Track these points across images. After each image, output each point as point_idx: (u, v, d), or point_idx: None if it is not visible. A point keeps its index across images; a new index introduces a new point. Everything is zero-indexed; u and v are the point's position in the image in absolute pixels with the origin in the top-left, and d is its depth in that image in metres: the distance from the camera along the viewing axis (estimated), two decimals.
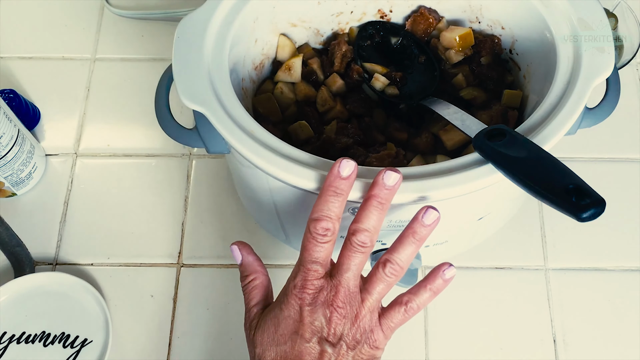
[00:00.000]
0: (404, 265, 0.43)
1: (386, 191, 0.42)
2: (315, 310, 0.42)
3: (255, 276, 0.47)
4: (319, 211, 0.42)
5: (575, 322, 0.61)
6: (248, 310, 0.47)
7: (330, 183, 0.42)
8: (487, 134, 0.46)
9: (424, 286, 0.44)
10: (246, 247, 0.48)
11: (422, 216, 0.43)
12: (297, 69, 0.60)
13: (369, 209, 0.42)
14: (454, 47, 0.60)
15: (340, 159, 0.42)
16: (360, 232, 0.42)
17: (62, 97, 0.74)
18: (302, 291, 0.43)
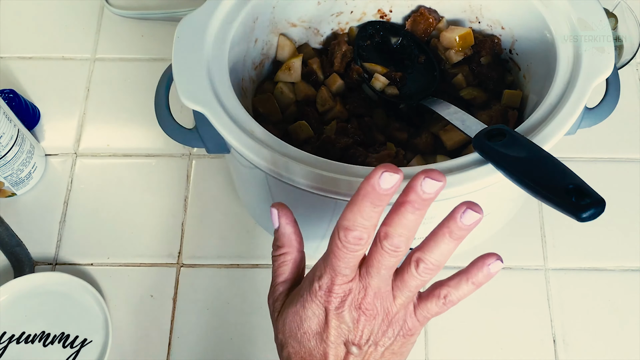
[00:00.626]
0: (440, 264, 0.39)
1: (424, 198, 0.36)
2: (342, 314, 0.39)
3: (289, 250, 0.43)
4: (352, 220, 0.37)
5: (575, 322, 0.61)
6: (274, 286, 0.43)
7: (368, 194, 0.36)
8: (487, 134, 0.46)
9: (466, 279, 0.40)
10: (287, 213, 0.43)
11: (461, 217, 0.37)
12: (297, 69, 0.60)
13: (404, 214, 0.37)
14: (453, 47, 0.60)
15: (382, 168, 0.35)
16: (393, 237, 0.37)
17: (62, 97, 0.74)
18: (329, 295, 0.39)
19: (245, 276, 0.63)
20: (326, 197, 0.45)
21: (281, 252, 0.43)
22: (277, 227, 0.43)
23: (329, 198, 0.45)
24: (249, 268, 0.64)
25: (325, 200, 0.47)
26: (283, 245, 0.43)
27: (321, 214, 0.50)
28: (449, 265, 0.43)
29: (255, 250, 0.65)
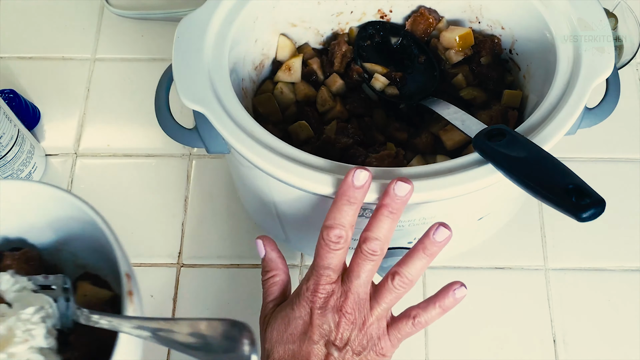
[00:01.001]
0: (413, 279, 0.44)
1: (397, 201, 0.43)
2: (325, 314, 0.43)
3: (276, 273, 0.48)
4: (333, 219, 0.43)
5: (575, 322, 0.61)
6: (264, 305, 0.48)
7: (344, 192, 0.43)
8: (487, 134, 0.46)
9: (434, 303, 0.45)
10: (271, 242, 0.49)
11: (433, 233, 0.43)
12: (297, 69, 0.60)
13: (380, 218, 0.43)
14: (453, 47, 0.60)
15: (355, 168, 0.43)
16: (371, 241, 0.43)
17: (62, 97, 0.74)
18: (314, 295, 0.44)
19: (245, 276, 0.63)
20: (326, 197, 0.45)
21: (270, 275, 0.48)
22: (264, 254, 0.49)
23: (329, 198, 0.45)
24: (249, 268, 0.64)
25: (325, 201, 0.47)
26: (271, 269, 0.49)
27: (321, 214, 0.50)
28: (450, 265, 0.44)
29: (255, 251, 0.64)
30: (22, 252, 0.48)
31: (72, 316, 0.42)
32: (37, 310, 0.41)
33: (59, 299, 0.43)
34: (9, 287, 0.43)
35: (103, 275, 0.51)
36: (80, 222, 0.46)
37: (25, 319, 0.40)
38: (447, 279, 0.47)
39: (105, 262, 0.48)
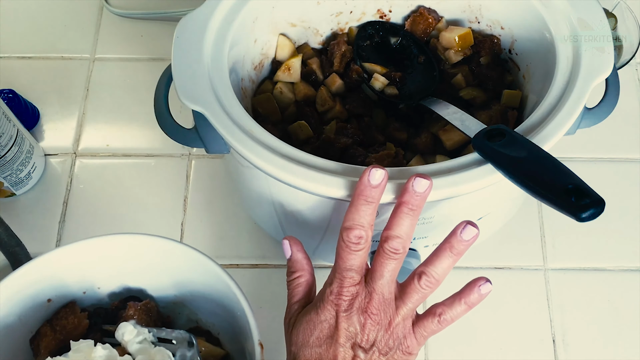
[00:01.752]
0: (440, 278, 0.44)
1: (417, 198, 0.42)
2: (351, 316, 0.43)
3: (301, 274, 0.47)
4: (351, 220, 0.43)
5: (575, 322, 0.61)
6: (289, 306, 0.47)
7: (361, 192, 0.42)
8: (487, 134, 0.46)
9: (459, 299, 0.45)
10: (297, 243, 0.48)
11: (461, 232, 0.43)
12: (296, 69, 0.60)
13: (400, 216, 0.43)
14: (453, 47, 0.60)
15: (370, 167, 0.42)
16: (392, 239, 0.43)
17: (62, 97, 0.74)
18: (338, 298, 0.43)
19: (245, 276, 0.63)
20: (326, 197, 0.45)
21: (295, 275, 0.47)
22: (290, 255, 0.48)
23: (329, 198, 0.45)
24: (249, 268, 0.64)
25: (324, 201, 0.47)
26: (296, 270, 0.47)
27: (321, 215, 0.50)
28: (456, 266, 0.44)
29: (255, 251, 0.65)
30: (144, 303, 0.49)
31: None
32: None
33: (177, 353, 0.44)
34: (132, 338, 0.45)
35: (215, 332, 0.52)
36: (207, 284, 0.48)
37: None
38: (446, 278, 0.47)
39: (220, 321, 0.50)
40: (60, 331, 0.48)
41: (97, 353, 0.42)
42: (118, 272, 0.50)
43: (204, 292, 0.50)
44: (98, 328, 0.49)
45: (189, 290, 0.51)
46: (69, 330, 0.48)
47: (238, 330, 0.47)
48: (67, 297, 0.50)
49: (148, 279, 0.51)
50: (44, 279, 0.47)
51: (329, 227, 0.52)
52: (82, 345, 0.43)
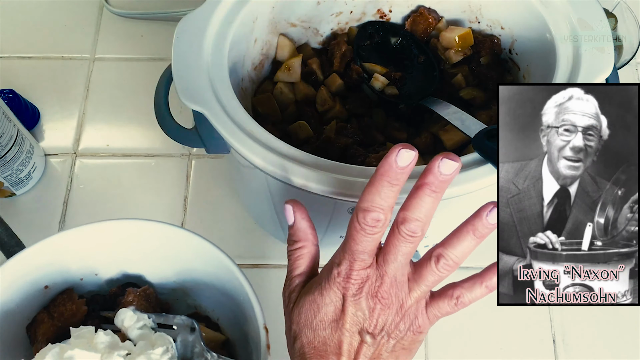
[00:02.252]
0: (459, 262, 0.40)
1: (442, 179, 0.38)
2: (359, 301, 0.40)
3: (304, 244, 0.44)
4: (370, 201, 0.38)
5: (575, 322, 0.61)
6: (290, 279, 0.44)
7: (385, 172, 0.38)
8: (487, 133, 0.46)
9: (480, 282, 0.41)
10: (301, 209, 0.44)
11: (487, 215, 0.39)
12: (296, 68, 0.60)
13: (422, 197, 0.38)
14: (453, 47, 0.60)
15: (399, 146, 0.38)
16: (411, 221, 0.39)
17: (62, 97, 0.74)
18: (347, 281, 0.40)
19: None
20: (326, 197, 0.45)
21: (297, 246, 0.44)
22: (293, 222, 0.44)
23: (329, 198, 0.45)
24: (249, 268, 0.64)
25: (324, 201, 0.47)
26: (299, 240, 0.44)
27: (321, 214, 0.50)
28: None
29: (254, 251, 0.65)
30: (143, 289, 0.49)
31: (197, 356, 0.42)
32: (165, 351, 0.41)
33: (178, 338, 0.43)
34: (132, 324, 0.44)
35: (214, 318, 0.51)
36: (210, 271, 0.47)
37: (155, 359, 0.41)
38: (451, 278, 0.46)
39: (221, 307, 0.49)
40: (57, 318, 0.47)
41: (100, 339, 0.41)
42: (116, 259, 0.50)
43: (204, 278, 0.49)
44: (96, 315, 0.48)
45: (190, 276, 0.50)
46: (67, 317, 0.47)
47: (240, 315, 0.45)
48: (65, 284, 0.49)
49: (147, 266, 0.50)
50: (41, 265, 0.47)
51: (329, 227, 0.52)
52: (83, 331, 0.43)
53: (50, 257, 0.47)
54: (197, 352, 0.42)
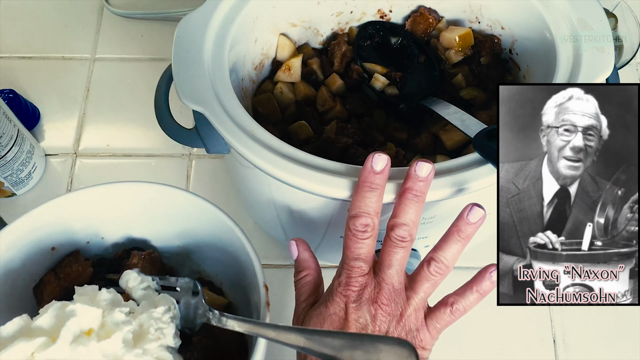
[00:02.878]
0: (449, 264, 0.43)
1: (420, 183, 0.42)
2: (360, 307, 0.42)
3: (308, 272, 0.47)
4: (357, 208, 0.42)
5: (575, 322, 0.61)
6: (298, 306, 0.47)
7: (365, 178, 0.42)
8: (487, 133, 0.46)
9: (470, 288, 0.43)
10: (303, 243, 0.48)
11: (467, 214, 0.42)
12: (296, 69, 0.60)
13: (405, 203, 0.42)
14: (453, 47, 0.60)
15: (373, 153, 0.42)
16: (399, 227, 0.42)
17: (62, 97, 0.74)
18: (347, 288, 0.42)
19: None
20: (326, 197, 0.45)
21: (302, 275, 0.47)
22: (297, 255, 0.48)
23: (329, 198, 0.45)
24: None
25: (325, 201, 0.47)
26: (303, 269, 0.47)
27: (321, 214, 0.50)
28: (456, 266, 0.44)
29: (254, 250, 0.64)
30: (148, 252, 0.49)
31: (200, 317, 0.43)
32: (166, 310, 0.42)
33: (181, 300, 0.44)
34: (136, 285, 0.45)
35: (217, 282, 0.52)
36: (211, 232, 0.48)
37: (156, 317, 0.42)
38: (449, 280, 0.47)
39: (223, 270, 0.50)
40: (64, 279, 0.48)
41: (102, 296, 0.42)
42: (122, 222, 0.50)
43: (208, 241, 0.49)
44: (102, 277, 0.49)
45: (193, 239, 0.51)
46: (73, 278, 0.48)
47: (242, 278, 0.46)
48: (71, 246, 0.50)
49: (152, 229, 0.51)
50: (48, 224, 0.47)
51: (329, 227, 0.52)
52: (87, 289, 0.43)
53: (56, 218, 0.47)
54: (200, 313, 0.43)
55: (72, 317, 0.39)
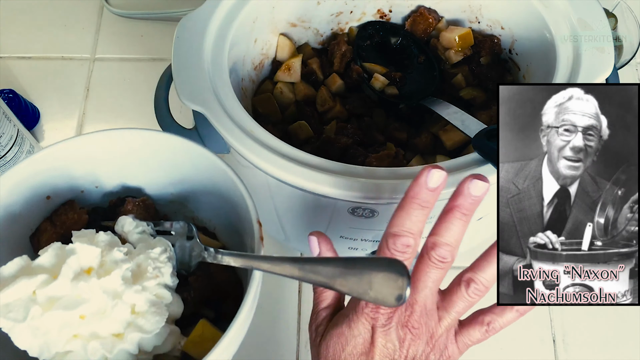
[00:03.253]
0: (489, 285, 0.39)
1: (471, 202, 0.38)
2: (389, 332, 0.39)
3: None
4: (400, 225, 0.38)
5: (575, 322, 0.61)
6: (316, 312, 0.43)
7: (416, 194, 0.38)
8: (487, 133, 0.46)
9: (511, 307, 0.41)
10: (326, 240, 0.43)
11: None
12: (296, 69, 0.60)
13: (451, 221, 0.38)
14: (453, 47, 0.60)
15: (429, 166, 0.38)
16: (441, 246, 0.38)
17: (62, 97, 0.74)
18: (376, 311, 0.38)
19: None
20: (326, 197, 0.45)
21: None
22: (318, 254, 0.42)
23: (329, 198, 0.45)
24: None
25: (325, 201, 0.47)
26: None
27: (321, 215, 0.50)
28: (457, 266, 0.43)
29: None
30: (142, 199, 0.50)
31: (195, 258, 0.44)
32: (163, 251, 0.43)
33: (176, 243, 0.45)
34: (132, 230, 0.45)
35: (211, 227, 0.52)
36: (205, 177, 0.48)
37: (153, 257, 0.42)
38: (446, 278, 0.47)
39: (217, 215, 0.51)
40: (60, 226, 0.48)
41: (100, 238, 0.43)
42: (116, 169, 0.51)
43: (201, 186, 0.49)
44: (97, 224, 0.49)
45: (187, 186, 0.51)
46: (69, 225, 0.48)
47: (235, 220, 0.46)
48: (66, 195, 0.50)
49: (146, 177, 0.51)
50: (43, 171, 0.47)
51: (329, 227, 0.52)
52: (84, 232, 0.44)
53: (51, 164, 0.48)
54: (195, 255, 0.44)
55: (72, 255, 0.40)
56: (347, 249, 0.55)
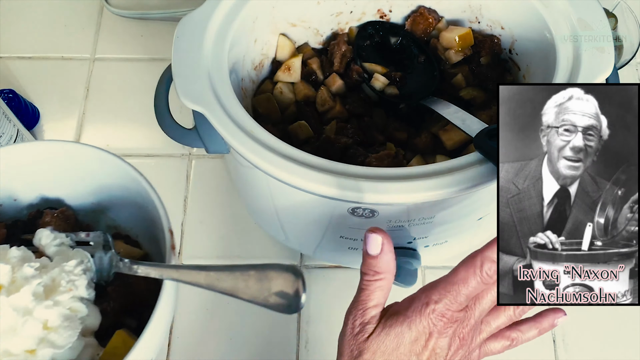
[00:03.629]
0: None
1: None
2: (444, 339, 0.41)
3: (386, 276, 0.43)
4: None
5: (575, 322, 0.61)
6: (364, 309, 0.43)
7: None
8: (488, 133, 0.46)
9: (535, 327, 0.45)
10: (389, 240, 0.43)
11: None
12: (296, 69, 0.60)
13: None
14: (453, 47, 0.60)
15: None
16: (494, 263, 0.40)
17: (62, 97, 0.74)
18: (440, 319, 0.41)
19: None
20: (326, 197, 0.45)
21: (379, 277, 0.43)
22: (379, 253, 0.43)
23: (329, 198, 0.45)
24: None
25: (325, 201, 0.47)
26: (382, 272, 0.43)
27: (321, 215, 0.50)
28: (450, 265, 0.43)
29: (255, 251, 0.65)
30: (60, 210, 0.50)
31: (113, 268, 0.44)
32: (78, 263, 0.43)
33: (95, 254, 0.45)
34: (49, 242, 0.45)
35: (134, 235, 0.53)
36: (120, 185, 0.48)
37: (68, 270, 0.43)
38: None
39: (138, 223, 0.51)
40: None
41: (12, 254, 0.43)
42: (34, 182, 0.51)
43: (119, 195, 0.50)
44: (16, 238, 0.49)
45: (106, 195, 0.51)
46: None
47: (153, 229, 0.47)
48: None
49: (65, 188, 0.51)
50: None
51: (329, 227, 0.52)
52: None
53: None
54: (113, 265, 0.45)
55: None
56: (347, 249, 0.55)
